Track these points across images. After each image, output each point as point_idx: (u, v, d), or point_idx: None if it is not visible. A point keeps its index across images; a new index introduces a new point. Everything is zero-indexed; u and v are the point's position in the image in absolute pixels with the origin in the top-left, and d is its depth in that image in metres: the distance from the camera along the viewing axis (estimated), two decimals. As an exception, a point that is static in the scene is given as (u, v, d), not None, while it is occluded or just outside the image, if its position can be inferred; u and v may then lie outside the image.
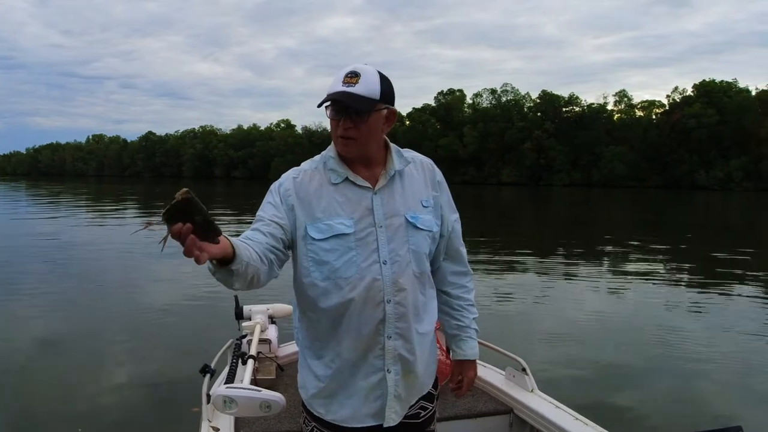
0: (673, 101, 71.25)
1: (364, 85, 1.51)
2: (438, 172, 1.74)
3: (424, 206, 1.65)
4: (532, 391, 2.76)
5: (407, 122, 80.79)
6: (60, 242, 15.42)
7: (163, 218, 1.14)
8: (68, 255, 13.12)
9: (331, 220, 1.55)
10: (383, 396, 1.60)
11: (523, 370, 2.82)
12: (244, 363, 2.65)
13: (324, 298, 1.56)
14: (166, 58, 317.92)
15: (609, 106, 76.33)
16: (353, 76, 1.51)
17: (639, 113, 74.31)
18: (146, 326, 7.10)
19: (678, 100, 70.31)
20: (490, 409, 2.76)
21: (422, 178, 1.69)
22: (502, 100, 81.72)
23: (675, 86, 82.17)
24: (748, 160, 60.31)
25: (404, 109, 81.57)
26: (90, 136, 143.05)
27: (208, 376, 2.71)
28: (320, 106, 1.56)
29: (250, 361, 2.62)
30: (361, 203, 1.58)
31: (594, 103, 76.48)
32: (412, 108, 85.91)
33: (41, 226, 20.39)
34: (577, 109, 76.70)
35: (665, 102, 73.06)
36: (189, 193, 1.12)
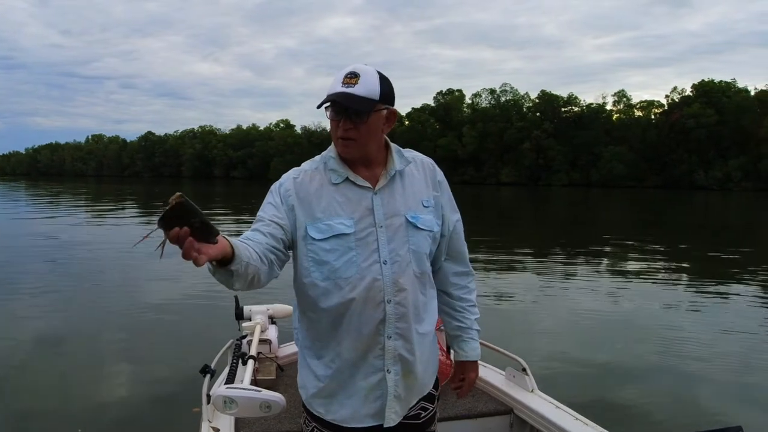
0: (672, 101, 71.32)
1: (364, 86, 1.51)
2: (439, 172, 1.74)
3: (424, 206, 1.65)
4: (533, 391, 2.77)
5: (406, 122, 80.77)
6: (59, 242, 15.41)
7: (159, 224, 1.14)
8: (68, 255, 13.11)
9: (331, 220, 1.55)
10: (383, 396, 1.60)
11: (524, 370, 2.82)
12: (245, 363, 2.65)
13: (324, 298, 1.56)
14: (166, 58, 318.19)
15: (608, 106, 76.57)
16: (353, 77, 1.51)
17: (638, 113, 74.36)
18: (146, 326, 7.10)
19: (677, 100, 70.37)
20: (491, 410, 2.76)
21: (423, 177, 1.69)
22: (501, 100, 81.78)
23: (674, 86, 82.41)
24: (747, 160, 60.36)
25: (403, 109, 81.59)
26: (89, 136, 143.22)
27: (209, 376, 2.71)
28: (320, 107, 1.55)
29: (251, 362, 2.62)
30: (361, 203, 1.58)
31: (593, 103, 76.70)
32: (412, 108, 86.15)
33: (41, 226, 20.37)
34: (576, 109, 76.73)
35: (664, 102, 73.27)
36: (182, 197, 1.12)
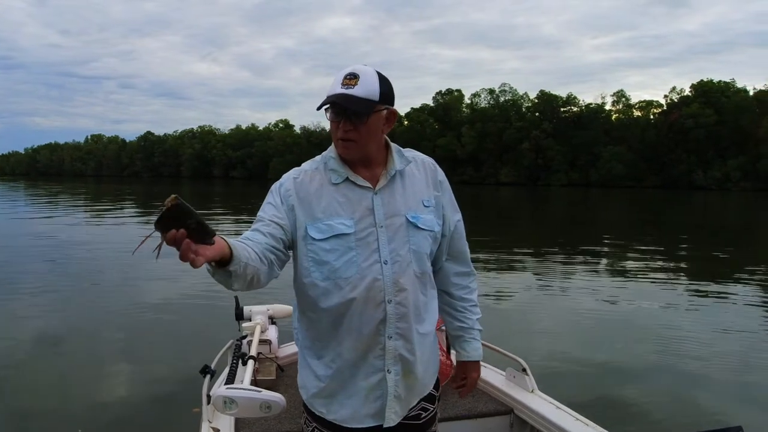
0: (671, 101, 71.41)
1: (363, 87, 1.50)
2: (440, 172, 1.73)
3: (425, 206, 1.64)
4: (533, 391, 2.77)
5: (405, 122, 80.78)
6: (59, 242, 15.39)
7: (156, 227, 1.14)
8: (67, 254, 13.09)
9: (332, 220, 1.55)
10: (383, 396, 1.60)
11: (524, 370, 2.82)
12: (245, 364, 2.65)
13: (324, 298, 1.56)
14: (165, 58, 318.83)
15: (607, 106, 76.64)
16: (352, 78, 1.51)
17: (637, 113, 74.43)
18: (146, 326, 7.09)
19: (676, 100, 70.45)
20: (491, 410, 2.76)
21: (423, 177, 1.68)
22: (500, 100, 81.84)
23: (673, 86, 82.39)
24: (746, 160, 60.41)
25: (402, 109, 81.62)
26: (88, 136, 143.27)
27: (209, 376, 2.71)
28: (320, 108, 1.54)
29: (251, 362, 2.62)
30: (361, 203, 1.57)
31: (592, 103, 76.75)
32: (411, 108, 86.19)
33: (40, 225, 20.35)
34: (575, 109, 76.77)
35: (663, 102, 73.31)
36: (178, 198, 1.12)
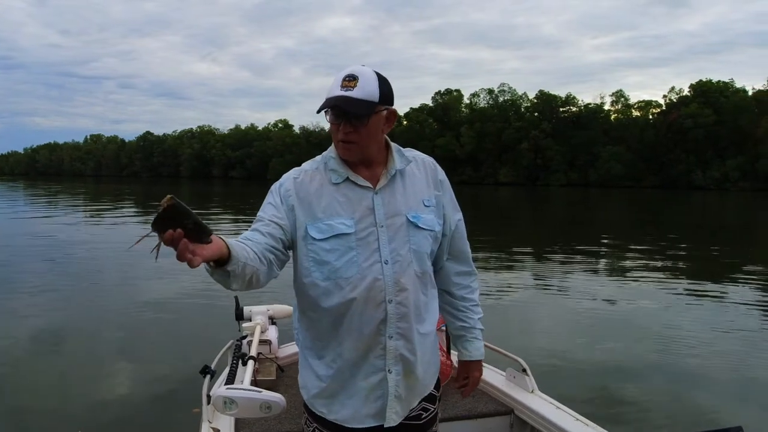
0: (670, 101, 71.42)
1: (363, 89, 1.50)
2: (440, 171, 1.73)
3: (425, 205, 1.64)
4: (533, 391, 2.76)
5: (405, 122, 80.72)
6: (58, 241, 15.39)
7: (153, 228, 1.14)
8: (66, 254, 13.08)
9: (332, 220, 1.55)
10: (384, 396, 1.59)
11: (524, 370, 2.82)
12: (245, 364, 2.65)
13: (325, 298, 1.55)
14: (164, 58, 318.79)
15: (606, 106, 76.60)
16: (351, 80, 1.50)
17: (636, 113, 74.41)
18: (146, 326, 7.09)
19: (675, 100, 70.45)
20: (491, 410, 2.76)
21: (424, 177, 1.68)
22: (500, 100, 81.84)
23: (672, 86, 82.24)
24: (745, 160, 60.43)
25: (402, 109, 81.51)
26: (88, 136, 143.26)
27: (209, 376, 2.71)
28: (320, 111, 1.54)
29: (251, 362, 2.62)
30: (362, 203, 1.57)
31: (591, 103, 76.72)
32: (410, 108, 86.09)
33: (39, 225, 20.33)
34: (574, 109, 76.77)
35: (662, 102, 73.32)
36: (174, 198, 1.12)
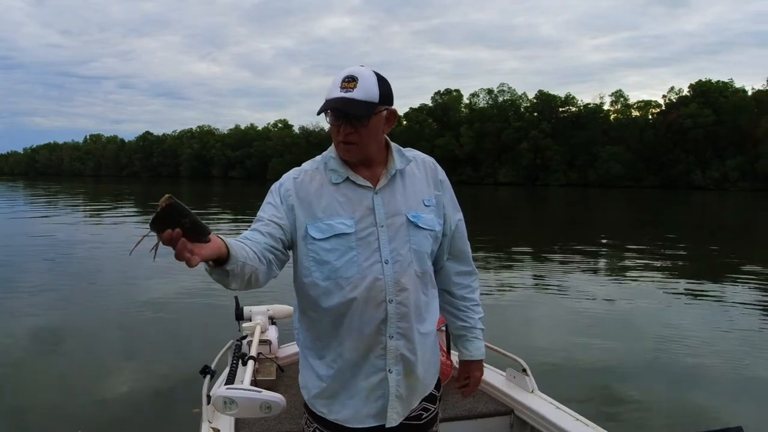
0: (670, 101, 71.45)
1: (363, 90, 1.49)
2: (440, 171, 1.73)
3: (425, 205, 1.64)
4: (533, 391, 2.76)
5: (404, 122, 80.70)
6: (57, 241, 15.38)
7: (152, 228, 1.13)
8: (66, 254, 13.08)
9: (332, 220, 1.55)
10: (384, 396, 1.59)
11: (524, 370, 2.81)
12: (245, 364, 2.64)
13: (325, 298, 1.55)
14: (164, 58, 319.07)
15: (605, 106, 76.62)
16: (351, 81, 1.50)
17: (635, 113, 74.43)
18: (146, 327, 7.08)
19: (674, 100, 70.48)
20: (491, 410, 2.76)
21: (424, 176, 1.68)
22: (499, 100, 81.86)
23: (671, 86, 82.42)
24: (744, 160, 60.46)
25: (401, 109, 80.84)
26: (87, 136, 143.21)
27: (209, 376, 2.71)
28: (320, 113, 1.54)
29: (251, 362, 2.62)
30: (362, 203, 1.57)
31: (590, 103, 76.76)
32: (409, 108, 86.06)
33: (39, 225, 20.34)
34: (574, 109, 76.81)
35: (661, 102, 73.34)
36: (171, 198, 1.12)
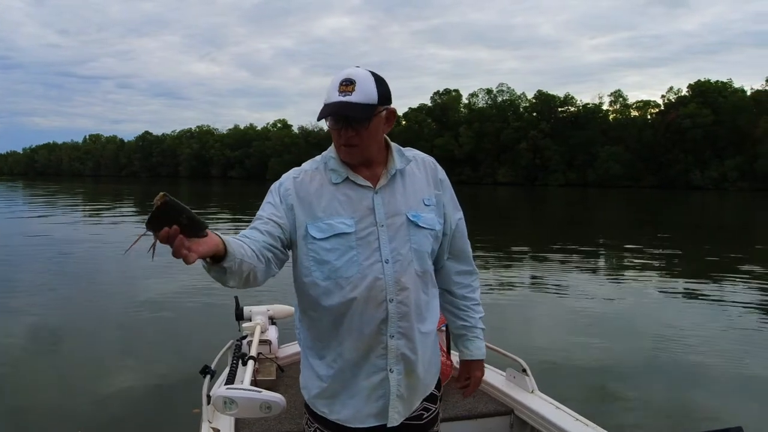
0: (669, 101, 71.47)
1: (361, 92, 1.49)
2: (440, 170, 1.73)
3: (425, 204, 1.64)
4: (533, 392, 2.76)
5: (403, 122, 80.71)
6: (57, 241, 15.35)
7: (148, 227, 1.13)
8: (65, 254, 13.07)
9: (332, 220, 1.55)
10: (385, 396, 1.59)
11: (524, 371, 2.82)
12: (245, 364, 2.64)
13: (325, 297, 1.55)
14: (163, 58, 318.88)
15: (604, 106, 76.68)
16: (348, 84, 1.49)
17: (634, 113, 74.46)
18: (146, 326, 7.08)
19: (673, 100, 70.50)
20: (491, 410, 2.76)
21: (424, 176, 1.68)
22: (498, 100, 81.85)
23: (670, 86, 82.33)
24: (743, 160, 60.48)
25: (400, 109, 79.34)
26: (87, 136, 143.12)
27: (209, 376, 2.71)
28: (320, 119, 1.54)
29: (251, 362, 2.62)
30: (362, 203, 1.57)
31: (589, 103, 76.81)
32: (408, 108, 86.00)
33: (38, 225, 20.32)
34: (573, 109, 76.87)
35: (660, 102, 73.36)
36: (166, 196, 1.11)
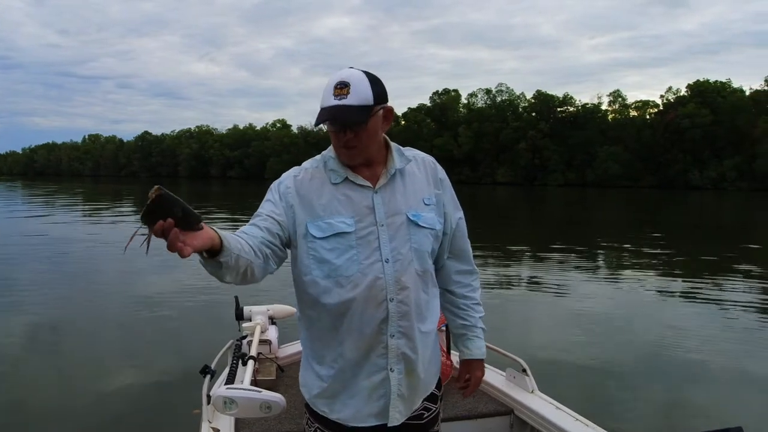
0: (668, 101, 71.42)
1: (356, 95, 1.49)
2: (440, 170, 1.74)
3: (425, 204, 1.64)
4: (533, 392, 2.76)
5: (402, 122, 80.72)
6: (56, 240, 15.35)
7: (143, 221, 1.12)
8: (65, 254, 13.08)
9: (332, 219, 1.55)
10: (386, 395, 1.59)
11: (524, 371, 2.82)
12: (245, 364, 2.64)
13: (325, 296, 1.55)
14: (163, 58, 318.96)
15: (603, 106, 76.57)
16: (343, 87, 1.49)
17: (633, 113, 74.43)
18: (145, 326, 7.07)
19: (672, 100, 70.48)
20: (491, 410, 2.76)
21: (424, 175, 1.68)
22: (497, 100, 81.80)
23: (669, 86, 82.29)
24: (742, 160, 60.49)
25: (400, 109, 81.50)
26: (86, 136, 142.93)
27: (209, 376, 2.71)
28: (317, 125, 1.57)
29: (251, 362, 2.62)
30: (362, 202, 1.57)
31: (588, 103, 76.69)
32: (408, 108, 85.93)
33: (37, 225, 20.30)
34: (572, 109, 76.80)
35: (659, 102, 73.35)
36: (161, 189, 1.11)
